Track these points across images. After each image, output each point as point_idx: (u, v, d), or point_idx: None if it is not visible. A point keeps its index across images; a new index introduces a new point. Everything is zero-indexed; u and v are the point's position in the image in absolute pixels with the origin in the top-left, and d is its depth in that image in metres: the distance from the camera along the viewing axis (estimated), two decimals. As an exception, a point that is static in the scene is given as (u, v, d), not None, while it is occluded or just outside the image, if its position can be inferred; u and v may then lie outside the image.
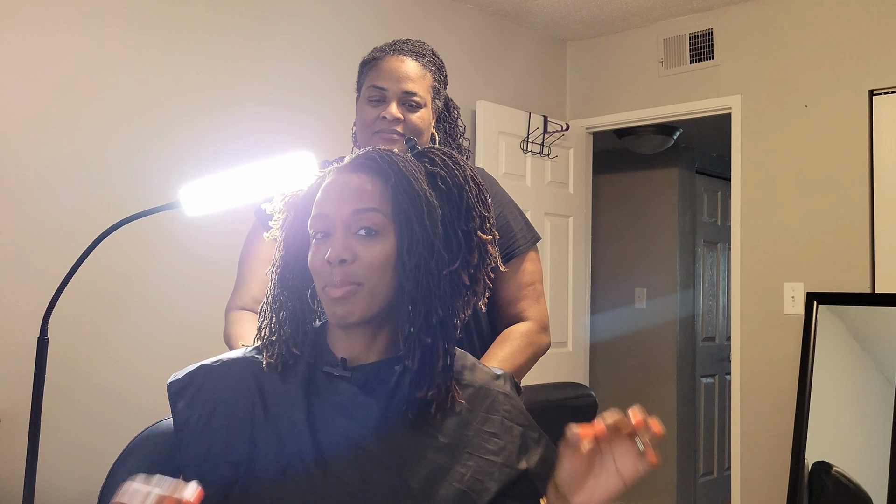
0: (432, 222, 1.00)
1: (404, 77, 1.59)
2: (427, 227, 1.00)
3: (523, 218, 1.71)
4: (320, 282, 1.01)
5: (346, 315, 0.99)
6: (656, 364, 4.89)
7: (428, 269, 1.00)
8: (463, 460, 1.01)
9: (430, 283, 1.00)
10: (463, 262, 1.02)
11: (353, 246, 0.99)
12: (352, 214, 1.00)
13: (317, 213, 1.02)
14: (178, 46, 2.71)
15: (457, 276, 1.01)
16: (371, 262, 0.99)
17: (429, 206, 1.00)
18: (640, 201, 5.08)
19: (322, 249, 1.01)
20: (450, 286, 1.01)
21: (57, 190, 2.41)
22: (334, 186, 1.03)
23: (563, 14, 3.84)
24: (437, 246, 1.00)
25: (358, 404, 1.01)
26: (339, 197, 1.01)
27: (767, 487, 3.33)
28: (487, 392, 1.07)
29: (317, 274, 1.02)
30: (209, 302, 2.20)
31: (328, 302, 1.00)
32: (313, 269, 1.02)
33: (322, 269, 1.00)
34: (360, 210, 1.00)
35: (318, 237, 1.02)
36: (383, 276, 1.00)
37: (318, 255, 1.01)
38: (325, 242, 1.01)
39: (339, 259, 0.98)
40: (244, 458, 0.99)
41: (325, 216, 1.01)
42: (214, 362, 1.07)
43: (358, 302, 0.99)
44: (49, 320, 1.48)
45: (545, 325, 1.65)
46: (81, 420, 2.41)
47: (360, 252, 0.99)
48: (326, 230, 1.01)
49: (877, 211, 3.19)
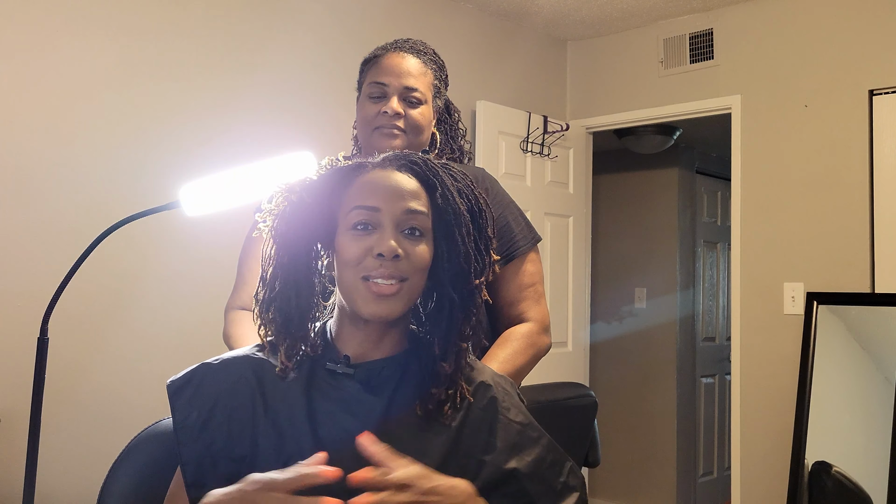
0: (468, 235, 1.04)
1: (405, 73, 1.59)
2: (465, 239, 1.03)
3: (524, 219, 1.71)
4: (360, 272, 1.00)
5: (388, 314, 1.00)
6: (656, 364, 4.89)
7: (465, 279, 1.03)
8: (457, 459, 1.01)
9: (464, 291, 1.04)
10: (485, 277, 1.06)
11: (402, 243, 1.00)
12: (404, 213, 1.01)
13: (363, 205, 1.01)
14: (179, 47, 2.71)
15: (481, 288, 1.06)
16: (419, 261, 1.01)
17: (465, 221, 1.04)
18: (640, 201, 5.08)
19: (366, 241, 1.00)
20: (479, 296, 1.06)
21: (57, 190, 2.41)
22: (384, 181, 1.03)
23: (563, 14, 3.84)
24: (472, 258, 1.04)
25: (360, 401, 1.01)
26: (391, 192, 1.02)
27: (767, 487, 3.33)
28: (487, 389, 1.08)
29: (357, 263, 1.00)
30: (209, 302, 2.20)
31: (368, 297, 0.99)
32: (349, 260, 1.01)
33: (367, 262, 1.00)
34: (413, 210, 1.01)
35: (359, 228, 1.01)
36: (421, 276, 1.02)
37: (362, 246, 1.00)
38: (368, 235, 1.01)
39: (394, 254, 0.99)
40: (246, 454, 0.99)
41: (375, 209, 1.01)
42: (214, 361, 1.07)
43: (400, 301, 1.00)
44: (49, 320, 1.49)
45: (546, 325, 1.65)
46: (81, 420, 2.41)
47: (409, 250, 1.01)
48: (374, 223, 1.01)
49: (877, 211, 3.19)
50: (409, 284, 1.00)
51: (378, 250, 0.99)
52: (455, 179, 1.07)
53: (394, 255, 0.98)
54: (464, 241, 1.03)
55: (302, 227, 1.04)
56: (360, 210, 1.01)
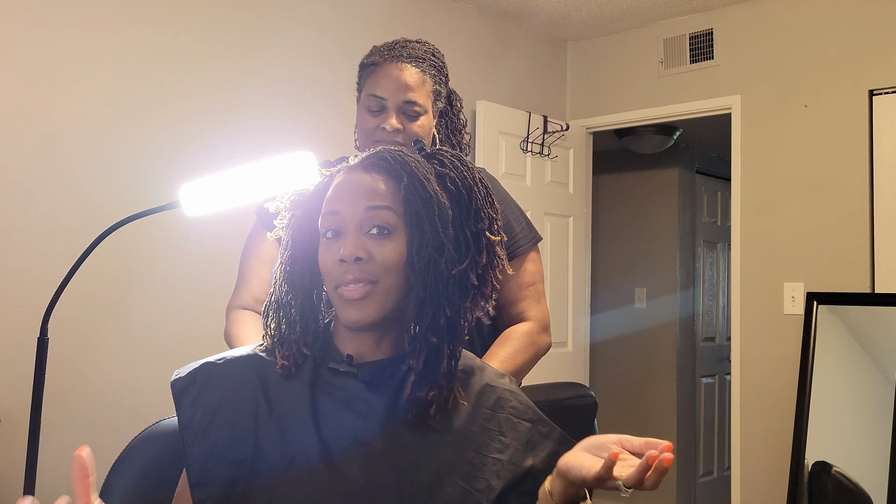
0: (443, 223, 1.00)
1: (403, 86, 1.57)
2: (438, 228, 1.00)
3: (524, 218, 1.71)
4: (332, 281, 1.00)
5: (361, 318, 0.98)
6: (656, 364, 4.89)
7: (437, 270, 0.99)
8: (468, 458, 1.01)
9: (438, 283, 1.00)
10: (472, 262, 1.02)
11: (366, 244, 0.98)
12: (364, 212, 0.99)
13: (328, 211, 1.01)
14: (179, 47, 2.71)
15: (465, 276, 1.01)
16: (384, 260, 0.98)
17: (440, 207, 1.00)
18: (640, 201, 5.08)
19: (334, 248, 0.99)
20: (458, 287, 1.01)
21: (57, 190, 2.41)
22: (346, 185, 1.02)
23: (563, 14, 3.84)
24: (447, 246, 1.00)
25: (363, 400, 1.01)
26: (351, 195, 1.00)
27: (767, 487, 3.33)
28: (493, 389, 1.07)
29: (328, 273, 1.00)
30: (209, 301, 2.20)
31: (342, 304, 0.99)
32: (324, 269, 1.01)
33: (335, 268, 0.99)
34: (373, 208, 0.99)
35: (329, 236, 1.01)
36: (396, 275, 0.99)
37: (330, 254, 1.00)
38: (336, 241, 1.00)
39: (355, 257, 0.97)
40: (248, 455, 0.98)
41: (337, 214, 1.00)
42: (218, 360, 1.06)
43: (373, 303, 0.98)
44: (49, 320, 1.48)
45: (546, 325, 1.65)
46: (81, 420, 2.41)
47: (374, 251, 0.98)
48: (338, 228, 1.00)
49: (877, 211, 3.19)
50: (380, 286, 0.98)
51: (339, 256, 0.98)
52: (443, 165, 1.05)
53: (354, 258, 0.97)
54: (436, 229, 0.99)
55: (303, 238, 1.05)
56: (326, 217, 1.01)
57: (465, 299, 1.02)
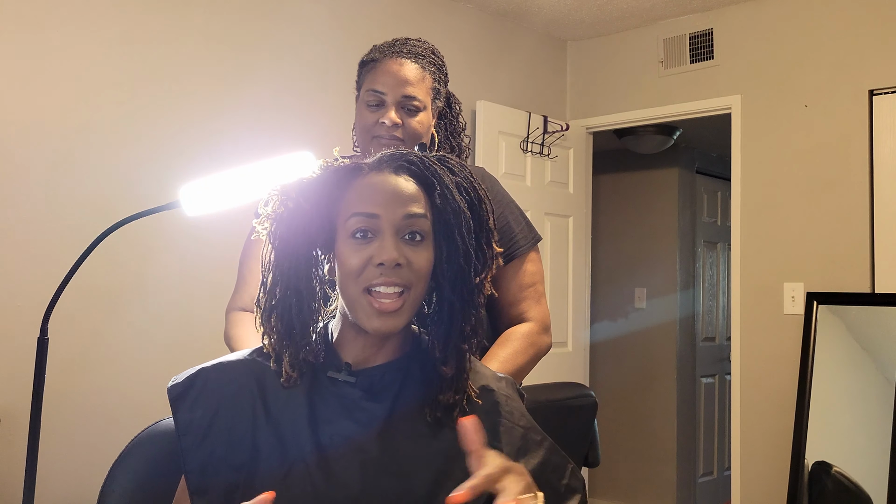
0: (469, 233, 1.02)
1: (403, 81, 1.57)
2: (465, 238, 1.01)
3: (524, 218, 1.71)
4: (362, 282, 0.98)
5: (392, 328, 0.98)
6: (656, 364, 4.89)
7: (465, 279, 1.01)
8: (463, 465, 1.00)
9: (464, 292, 1.01)
10: (488, 272, 1.04)
11: (403, 250, 0.98)
12: (404, 218, 0.99)
13: (362, 212, 0.99)
14: (179, 47, 2.71)
15: (482, 286, 1.04)
16: (420, 268, 0.99)
17: (465, 218, 1.02)
18: (640, 201, 5.08)
19: (366, 250, 0.98)
20: (481, 295, 1.03)
21: (57, 190, 2.41)
22: (381, 186, 1.00)
23: (563, 14, 3.84)
24: (473, 257, 1.02)
25: (362, 408, 1.00)
26: (390, 198, 0.99)
27: (767, 487, 3.33)
28: (489, 394, 1.07)
29: (358, 274, 0.98)
30: (209, 302, 2.20)
31: (370, 311, 0.98)
32: (352, 269, 0.98)
33: (368, 271, 0.98)
34: (412, 215, 0.99)
35: (359, 236, 0.99)
36: (425, 283, 1.00)
37: (363, 256, 0.98)
38: (369, 243, 0.98)
39: (396, 262, 0.96)
40: (246, 462, 0.98)
41: (374, 217, 0.98)
42: (214, 365, 1.05)
43: (404, 313, 0.99)
44: (49, 320, 1.49)
45: (546, 325, 1.65)
46: (81, 420, 2.41)
47: (411, 257, 0.98)
48: (373, 230, 0.99)
49: (877, 211, 3.18)
50: (411, 295, 0.99)
51: (378, 259, 0.97)
52: (453, 173, 1.04)
53: (395, 263, 0.96)
54: (464, 239, 1.01)
55: (301, 232, 1.01)
56: (359, 217, 0.99)
57: (482, 307, 1.05)
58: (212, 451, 0.98)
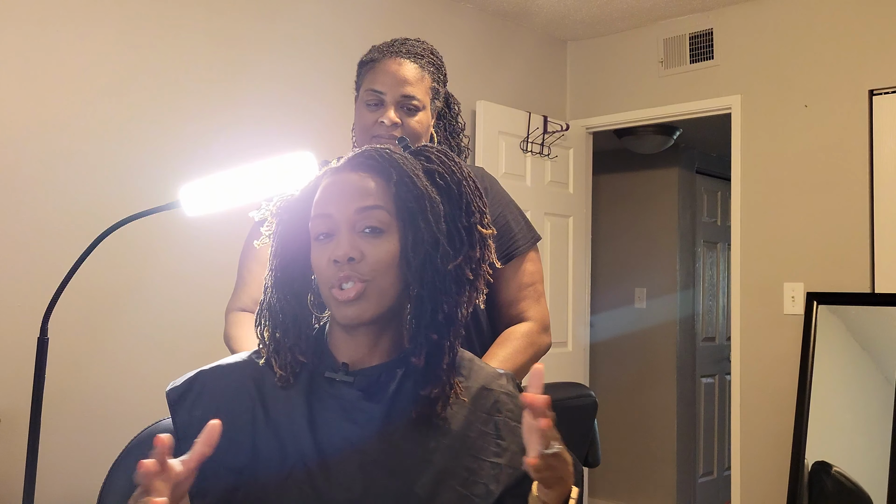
0: (436, 218, 1.00)
1: (402, 81, 1.57)
2: (431, 224, 1.00)
3: (523, 218, 1.71)
4: (326, 283, 0.99)
5: (358, 315, 0.98)
6: (656, 364, 4.89)
7: (433, 266, 1.00)
8: (466, 464, 1.00)
9: (435, 279, 1.00)
10: (466, 257, 1.02)
11: (359, 244, 0.98)
12: (356, 213, 0.99)
13: (319, 214, 1.01)
14: (179, 47, 2.71)
15: (461, 271, 1.01)
16: (378, 260, 0.98)
17: (431, 203, 1.00)
18: (640, 201, 5.08)
19: (327, 249, 0.99)
20: (454, 282, 1.01)
21: (57, 190, 2.41)
22: (335, 186, 1.01)
23: (563, 14, 3.84)
24: (442, 242, 1.00)
25: (360, 409, 1.00)
26: (341, 196, 1.00)
27: (767, 487, 3.33)
28: (489, 392, 1.07)
29: (321, 275, 1.00)
30: (209, 302, 2.20)
31: (336, 304, 0.99)
32: (318, 271, 1.01)
33: (328, 270, 0.98)
34: (364, 208, 0.99)
35: (321, 238, 1.00)
36: (390, 274, 0.99)
37: (323, 256, 0.99)
38: (328, 243, 0.99)
39: (348, 257, 0.97)
40: (246, 464, 0.98)
41: (329, 216, 1.00)
42: (212, 368, 1.05)
43: (367, 301, 0.98)
44: (49, 320, 1.48)
45: (546, 325, 1.65)
46: (81, 420, 2.41)
47: (367, 250, 0.98)
48: (330, 230, 1.00)
49: (877, 211, 3.18)
50: (373, 285, 0.98)
51: (332, 257, 0.98)
52: (430, 161, 1.04)
53: (347, 258, 0.97)
54: (429, 225, 1.00)
55: (292, 243, 1.04)
56: (318, 219, 1.01)
57: (461, 294, 1.02)
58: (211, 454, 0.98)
